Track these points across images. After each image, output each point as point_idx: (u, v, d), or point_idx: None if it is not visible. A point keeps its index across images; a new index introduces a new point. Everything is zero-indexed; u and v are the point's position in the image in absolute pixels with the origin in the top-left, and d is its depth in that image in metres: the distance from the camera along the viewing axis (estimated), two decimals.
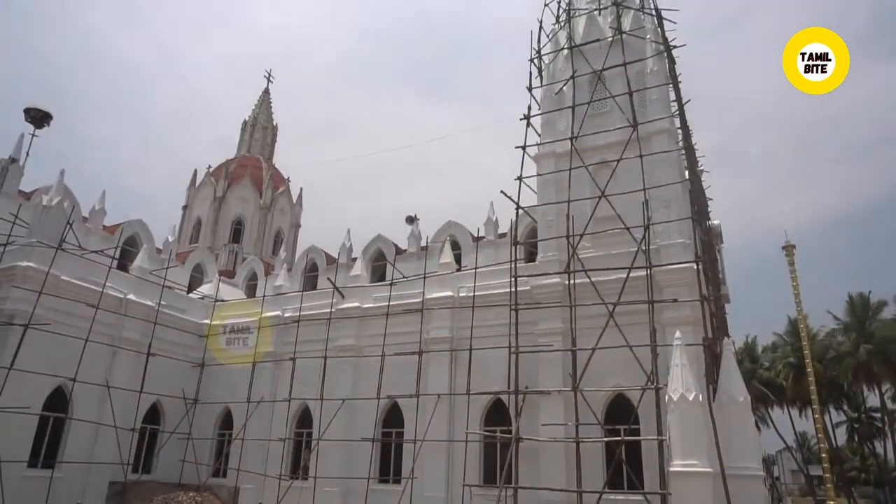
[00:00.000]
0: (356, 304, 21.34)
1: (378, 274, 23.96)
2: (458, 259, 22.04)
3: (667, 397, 13.28)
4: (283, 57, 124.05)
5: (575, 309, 15.75)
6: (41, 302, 18.05)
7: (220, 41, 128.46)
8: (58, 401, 19.10)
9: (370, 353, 20.24)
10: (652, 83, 18.25)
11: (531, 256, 19.79)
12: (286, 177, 40.98)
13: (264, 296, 23.97)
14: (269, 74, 45.80)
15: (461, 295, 19.50)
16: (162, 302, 22.28)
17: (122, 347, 20.87)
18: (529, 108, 19.40)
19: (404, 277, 21.23)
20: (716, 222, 21.70)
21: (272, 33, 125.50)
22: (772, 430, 46.13)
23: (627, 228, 16.06)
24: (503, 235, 23.08)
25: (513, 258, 17.45)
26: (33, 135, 22.75)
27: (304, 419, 21.31)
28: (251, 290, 28.30)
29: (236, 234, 36.39)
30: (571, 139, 18.17)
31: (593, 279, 15.82)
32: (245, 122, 43.71)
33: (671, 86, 18.70)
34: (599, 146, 18.52)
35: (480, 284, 19.02)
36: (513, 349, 16.09)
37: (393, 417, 19.69)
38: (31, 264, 18.58)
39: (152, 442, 22.23)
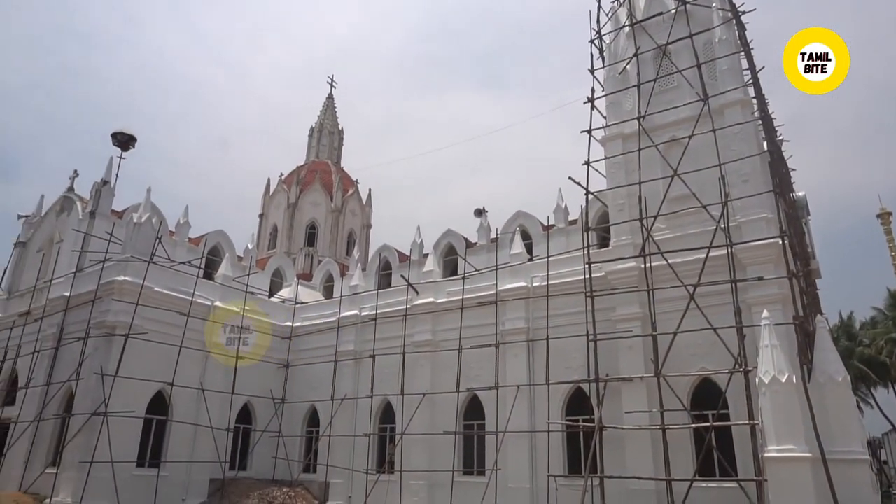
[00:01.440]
0: (430, 300, 21.57)
1: (450, 268, 24.14)
2: (529, 249, 21.89)
3: (757, 380, 12.73)
4: (342, 62, 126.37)
5: (653, 293, 15.36)
6: (138, 312, 19.29)
7: (279, 52, 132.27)
8: (159, 404, 20.32)
9: (447, 347, 20.43)
10: (721, 53, 17.48)
11: (604, 242, 19.41)
12: (354, 179, 41.85)
13: (341, 296, 24.61)
14: (332, 80, 46.87)
15: (535, 285, 19.34)
16: (246, 307, 23.29)
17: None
18: (593, 90, 19.00)
19: (476, 270, 21.28)
20: (801, 194, 20.55)
21: (328, 39, 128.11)
22: (876, 412, 43.29)
23: (704, 206, 15.48)
24: (574, 222, 22.74)
25: (585, 244, 17.16)
26: (121, 157, 24.30)
27: (387, 414, 21.76)
28: (328, 292, 29.16)
29: (311, 237, 37.49)
30: (639, 118, 17.67)
31: (670, 261, 15.35)
32: (312, 129, 44.91)
33: (742, 54, 17.82)
34: (669, 123, 17.92)
35: (554, 273, 18.82)
36: (590, 337, 15.86)
37: (473, 410, 19.80)
38: (127, 278, 19.83)
39: (246, 440, 23.30)
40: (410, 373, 20.86)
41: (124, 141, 24.84)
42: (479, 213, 26.61)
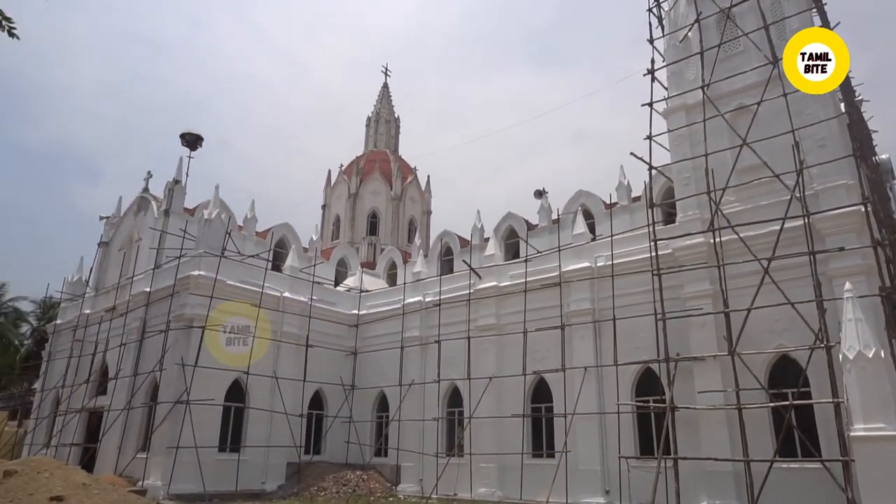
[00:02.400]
0: (493, 284, 21.52)
1: (512, 251, 24.02)
2: (591, 228, 21.51)
3: (841, 356, 12.04)
4: (396, 49, 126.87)
5: (724, 268, 14.78)
6: (213, 305, 20.15)
7: (334, 44, 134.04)
8: (236, 392, 21.22)
9: (512, 330, 20.37)
10: (791, 11, 16.49)
11: (670, 218, 18.81)
12: (413, 166, 42.13)
13: (405, 283, 24.90)
14: (386, 69, 47.18)
15: (599, 265, 18.98)
16: (313, 297, 23.94)
17: (284, 341, 22.69)
18: (652, 61, 18.31)
19: (539, 252, 21.07)
20: (884, 157, 19.29)
21: (382, 28, 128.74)
22: None
23: (777, 176, 14.73)
24: (637, 199, 22.17)
25: (650, 221, 16.67)
26: (189, 157, 25.36)
27: (454, 398, 21.96)
28: (392, 279, 29.61)
29: (372, 226, 38.07)
30: (703, 88, 16.94)
31: (742, 235, 14.71)
32: (369, 118, 45.43)
33: (814, 10, 16.75)
34: (735, 90, 17.11)
35: (618, 252, 18.41)
36: (659, 316, 15.43)
37: (541, 392, 19.70)
38: (201, 272, 20.71)
39: (319, 426, 24.05)
40: (476, 357, 20.94)
41: (192, 141, 25.91)
42: (540, 194, 26.35)
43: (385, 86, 46.49)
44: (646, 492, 14.15)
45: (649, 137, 17.13)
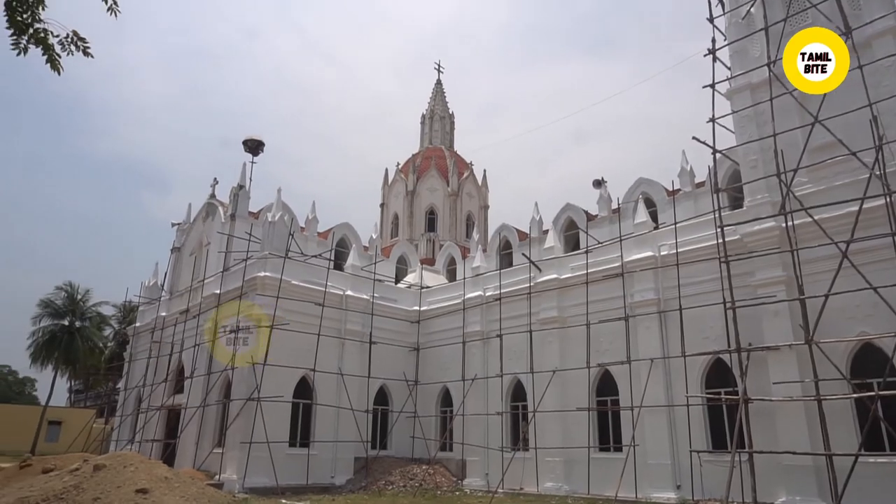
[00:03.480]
0: (554, 276, 21.27)
1: (572, 243, 23.70)
2: (653, 217, 20.98)
3: None
4: (446, 47, 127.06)
5: (797, 253, 14.08)
6: (279, 305, 20.74)
7: (383, 44, 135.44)
8: (304, 389, 21.78)
9: (574, 322, 20.08)
10: None
11: (736, 202, 18.09)
12: (469, 161, 42.10)
13: (464, 278, 24.93)
14: (439, 66, 47.28)
15: (663, 254, 18.46)
16: (375, 294, 24.29)
17: (348, 338, 23.13)
18: (713, 40, 17.58)
19: (599, 243, 20.70)
20: None
21: (431, 26, 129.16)
22: None
23: (854, 153, 13.89)
24: (701, 184, 21.46)
25: (716, 207, 16.04)
26: (252, 162, 26.18)
27: (518, 392, 21.84)
28: (451, 275, 29.71)
29: (430, 223, 38.30)
30: (769, 65, 16.12)
31: (816, 217, 13.97)
32: (423, 116, 45.66)
33: None
34: None
35: (683, 240, 17.85)
36: (728, 304, 14.85)
37: (606, 385, 19.35)
38: (267, 273, 21.35)
39: (384, 421, 24.43)
40: (539, 350, 20.76)
41: (253, 147, 26.74)
42: (598, 183, 25.88)
43: (438, 82, 46.63)
44: (719, 486, 13.70)
45: (712, 120, 16.46)
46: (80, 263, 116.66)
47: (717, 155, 16.73)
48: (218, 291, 23.28)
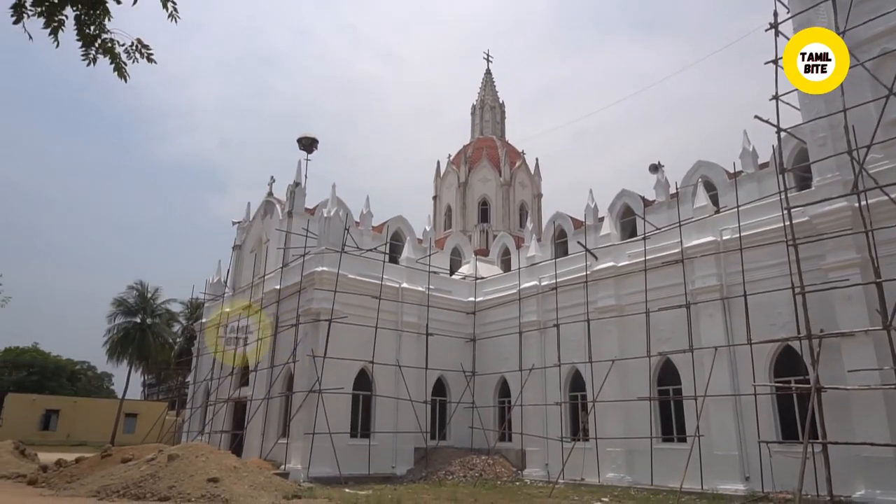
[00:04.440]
0: (611, 264, 20.88)
1: (629, 230, 23.20)
2: (714, 200, 20.27)
3: None
4: (493, 36, 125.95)
5: (872, 234, 13.34)
6: (337, 299, 21.14)
7: (430, 37, 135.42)
8: (363, 381, 22.17)
9: (633, 311, 19.68)
10: None
11: (804, 183, 17.29)
12: (520, 150, 41.72)
13: (519, 268, 24.78)
14: (488, 55, 46.94)
15: (725, 238, 17.83)
16: (430, 286, 24.44)
17: (405, 330, 23.37)
18: (775, 13, 16.77)
19: (658, 229, 20.17)
20: None
21: (477, 16, 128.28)
22: None
23: None
24: (764, 165, 20.62)
25: (782, 188, 15.36)
26: (307, 160, 26.74)
27: (577, 382, 21.60)
28: (506, 265, 29.57)
29: (483, 213, 38.19)
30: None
31: (893, 196, 13.20)
32: (473, 106, 45.47)
33: None
34: (877, 35, 15.32)
35: (746, 223, 17.20)
36: (797, 290, 14.23)
37: (667, 374, 18.90)
38: (324, 268, 21.78)
39: (443, 412, 24.61)
40: (597, 339, 20.46)
41: (308, 144, 27.29)
42: (655, 168, 25.22)
43: (488, 72, 46.32)
44: (791, 479, 13.20)
45: (776, 97, 15.74)
46: (149, 263, 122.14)
47: (782, 133, 16.02)
48: (278, 287, 23.90)
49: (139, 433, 44.35)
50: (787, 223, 14.72)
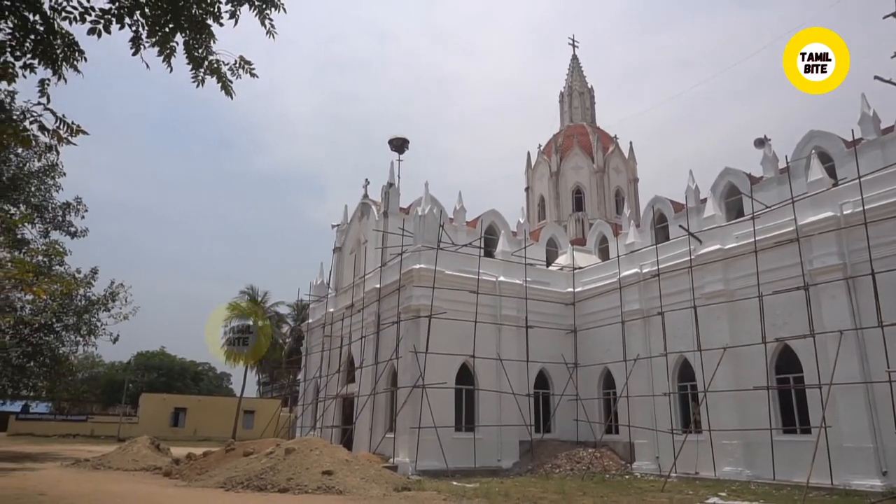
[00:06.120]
0: (717, 247, 19.84)
1: (734, 210, 21.97)
2: (830, 172, 18.76)
3: None
4: (574, 20, 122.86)
5: None
6: (435, 295, 21.45)
7: (514, 26, 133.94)
8: (465, 375, 22.37)
9: (744, 295, 18.62)
10: None
11: None
12: (613, 135, 40.47)
13: (618, 256, 24.09)
14: (573, 40, 45.83)
15: (846, 213, 16.45)
16: (527, 278, 24.27)
17: (504, 324, 23.34)
18: None
19: (767, 207, 18.95)
20: None
21: (553, 1, 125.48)
22: None
23: None
24: (888, 130, 18.87)
25: None
26: (399, 160, 27.28)
27: (685, 371, 20.73)
28: (604, 254, 28.83)
29: (577, 202, 37.38)
30: None
31: None
32: (561, 93, 44.59)
33: None
34: None
35: (871, 195, 15.80)
36: None
37: (786, 361, 17.72)
38: (422, 266, 22.16)
39: (546, 405, 24.37)
40: (705, 326, 19.53)
41: (398, 145, 27.85)
42: (761, 142, 23.72)
43: (574, 57, 45.24)
44: None
45: None
46: (258, 269, 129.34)
47: None
48: (378, 286, 24.58)
49: (257, 429, 47.19)
50: None
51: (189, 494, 14.46)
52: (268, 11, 6.50)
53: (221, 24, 6.48)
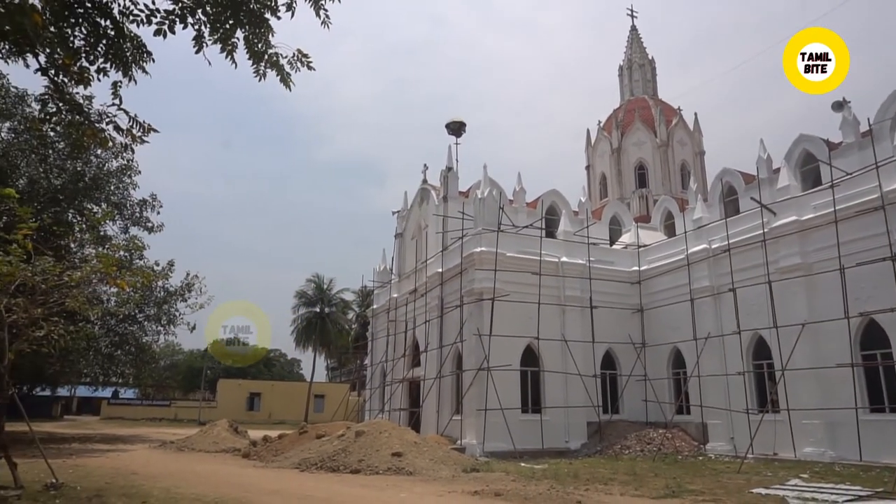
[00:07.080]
0: (793, 219, 18.90)
1: (811, 179, 20.80)
2: None
3: None
4: None
5: None
6: (498, 277, 21.40)
7: (566, 2, 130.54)
8: (529, 357, 22.29)
9: (823, 268, 17.71)
10: None
11: None
12: (677, 107, 39.03)
13: (685, 232, 23.32)
14: (632, 10, 44.22)
15: None
16: (591, 258, 23.86)
17: (568, 305, 23.07)
18: None
19: (848, 174, 17.87)
20: None
21: None
22: None
23: None
24: None
25: None
26: (456, 144, 27.23)
27: (760, 349, 19.94)
28: (670, 230, 27.96)
29: (640, 178, 36.33)
30: None
31: None
32: (620, 67, 43.25)
33: None
34: None
35: None
36: None
37: (871, 336, 16.78)
38: (483, 249, 22.13)
39: (613, 386, 24.01)
40: (781, 302, 18.70)
41: (456, 128, 27.77)
42: (839, 106, 22.22)
43: (633, 28, 43.72)
44: None
45: None
46: (323, 257, 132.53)
47: None
48: (440, 270, 24.72)
49: (327, 412, 48.66)
50: None
51: (267, 475, 15.08)
52: (322, 2, 6.56)
53: (279, 18, 6.60)
